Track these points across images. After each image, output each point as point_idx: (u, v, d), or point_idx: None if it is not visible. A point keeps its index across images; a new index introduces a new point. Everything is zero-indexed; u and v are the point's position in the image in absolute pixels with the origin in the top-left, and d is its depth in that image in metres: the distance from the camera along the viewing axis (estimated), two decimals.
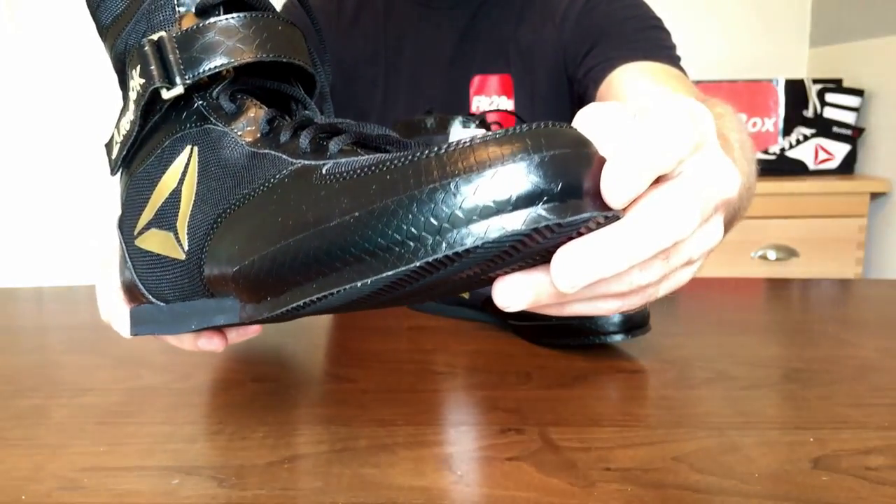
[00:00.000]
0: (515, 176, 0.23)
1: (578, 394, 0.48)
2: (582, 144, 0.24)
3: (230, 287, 0.30)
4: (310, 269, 0.25)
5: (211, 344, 0.40)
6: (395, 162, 0.24)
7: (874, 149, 1.78)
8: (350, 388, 0.49)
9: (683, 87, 0.69)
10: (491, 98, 0.83)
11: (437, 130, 0.65)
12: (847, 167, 1.79)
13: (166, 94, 0.33)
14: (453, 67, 0.84)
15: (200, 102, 0.34)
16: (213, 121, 0.33)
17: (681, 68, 0.75)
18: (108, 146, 0.37)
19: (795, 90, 1.86)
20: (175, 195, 0.33)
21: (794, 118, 1.86)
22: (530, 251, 0.25)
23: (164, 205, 0.33)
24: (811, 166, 1.78)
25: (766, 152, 1.80)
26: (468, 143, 0.23)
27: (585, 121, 0.27)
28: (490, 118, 0.81)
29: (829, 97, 1.78)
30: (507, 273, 0.27)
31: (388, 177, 0.24)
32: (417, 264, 0.23)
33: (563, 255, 0.26)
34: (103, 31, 0.37)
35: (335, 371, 0.53)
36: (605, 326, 0.54)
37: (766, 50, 2.04)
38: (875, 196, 1.72)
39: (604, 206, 0.25)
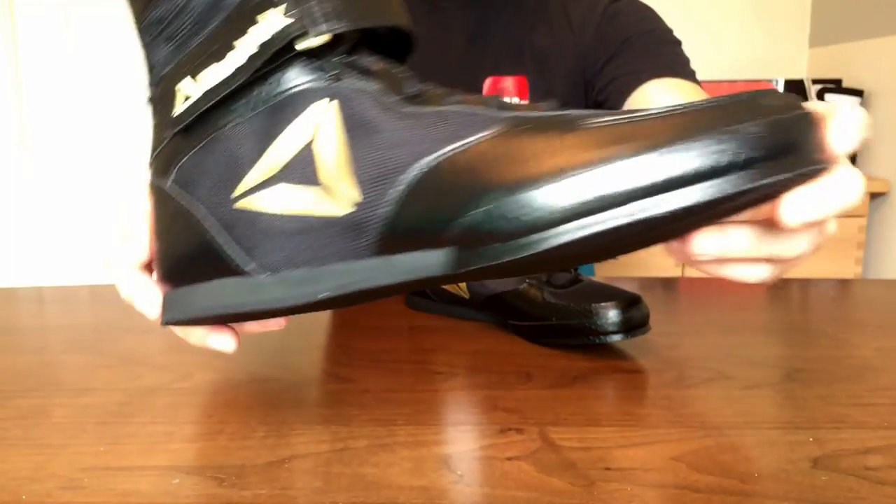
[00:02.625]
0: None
1: (578, 394, 0.48)
2: (799, 107, 0.27)
3: (447, 238, 0.28)
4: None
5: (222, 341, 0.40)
6: (647, 116, 0.26)
7: (873, 149, 1.78)
8: (350, 388, 0.50)
9: None
10: (504, 99, 0.84)
11: None
12: None
13: (307, 44, 0.30)
14: (464, 68, 0.84)
15: (340, 58, 0.32)
16: (354, 75, 0.31)
17: (699, 84, 0.77)
18: (165, 98, 0.33)
19: (795, 90, 1.86)
20: (308, 149, 0.30)
21: None
22: (762, 199, 0.28)
23: (296, 159, 0.30)
24: None
25: None
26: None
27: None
28: None
29: (829, 97, 1.78)
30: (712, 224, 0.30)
31: (641, 125, 0.26)
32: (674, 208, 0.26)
33: (797, 194, 0.28)
34: None
35: (335, 371, 0.53)
36: (604, 326, 0.54)
37: (765, 50, 2.04)
38: (874, 196, 1.72)
39: (823, 159, 0.27)
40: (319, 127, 0.30)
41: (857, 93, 1.75)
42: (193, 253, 0.33)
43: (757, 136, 0.25)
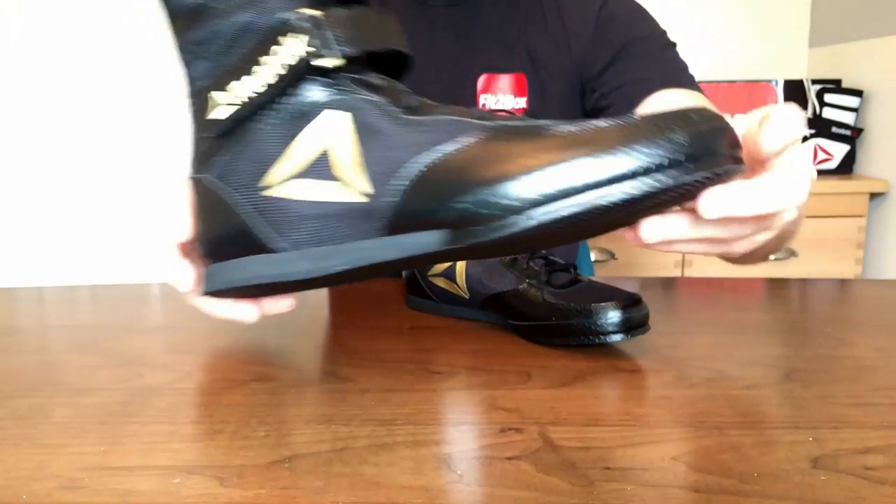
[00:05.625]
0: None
1: (578, 393, 0.48)
2: (722, 120, 0.34)
3: (442, 222, 0.34)
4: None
5: (279, 306, 0.47)
6: (599, 126, 0.33)
7: (873, 149, 1.78)
8: (350, 387, 0.50)
9: None
10: (497, 96, 0.84)
11: None
12: (846, 167, 1.79)
13: (323, 63, 0.36)
14: (455, 66, 0.84)
15: (350, 75, 0.38)
16: (361, 90, 0.37)
17: (701, 89, 0.80)
18: (201, 106, 0.39)
19: (794, 91, 1.86)
20: (329, 150, 0.36)
21: None
22: (689, 193, 0.34)
23: (318, 158, 0.37)
24: None
25: None
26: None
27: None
28: None
29: (828, 97, 1.78)
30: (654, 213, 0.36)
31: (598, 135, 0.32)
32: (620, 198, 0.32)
33: (713, 191, 0.34)
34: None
35: (335, 371, 0.53)
36: (604, 326, 0.54)
37: (765, 50, 2.04)
38: (874, 196, 1.72)
39: (735, 162, 0.34)
40: (335, 132, 0.37)
41: (857, 93, 1.75)
42: (229, 234, 0.39)
43: (680, 144, 0.31)
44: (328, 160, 0.36)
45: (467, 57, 0.84)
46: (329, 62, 0.36)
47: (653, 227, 0.36)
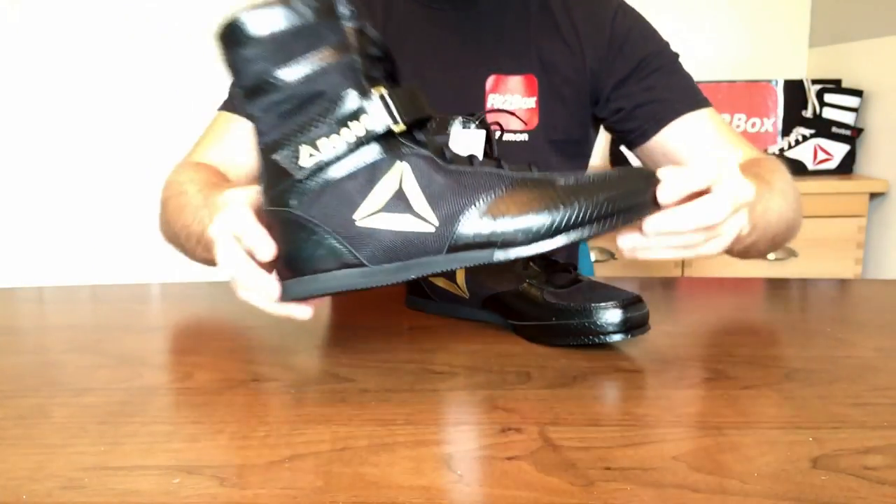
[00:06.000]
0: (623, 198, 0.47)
1: (578, 393, 0.48)
2: (651, 178, 0.48)
3: (490, 244, 0.47)
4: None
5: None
6: (584, 180, 0.48)
7: (873, 149, 1.78)
8: (350, 387, 0.50)
9: (729, 130, 0.85)
10: (505, 97, 0.84)
11: (438, 131, 0.65)
12: (846, 167, 1.79)
13: (396, 129, 0.48)
14: (463, 67, 0.84)
15: (410, 135, 0.49)
16: (415, 147, 0.49)
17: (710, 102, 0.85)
18: (294, 157, 0.49)
19: (794, 90, 1.86)
20: (401, 192, 0.48)
21: (793, 118, 1.86)
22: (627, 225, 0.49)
23: (392, 198, 0.48)
24: (810, 166, 1.78)
25: (764, 153, 1.80)
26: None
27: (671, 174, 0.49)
28: (490, 118, 0.81)
29: (828, 97, 1.78)
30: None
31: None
32: (591, 232, 0.47)
33: (652, 217, 0.48)
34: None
35: (335, 371, 0.53)
36: (604, 326, 0.54)
37: (765, 50, 2.04)
38: (874, 196, 1.72)
39: (655, 208, 0.48)
40: (405, 179, 0.48)
41: (857, 93, 1.75)
42: (319, 253, 0.49)
43: (629, 196, 0.47)
44: (403, 199, 0.48)
45: (475, 58, 0.84)
46: (397, 128, 0.48)
47: (622, 241, 0.50)
